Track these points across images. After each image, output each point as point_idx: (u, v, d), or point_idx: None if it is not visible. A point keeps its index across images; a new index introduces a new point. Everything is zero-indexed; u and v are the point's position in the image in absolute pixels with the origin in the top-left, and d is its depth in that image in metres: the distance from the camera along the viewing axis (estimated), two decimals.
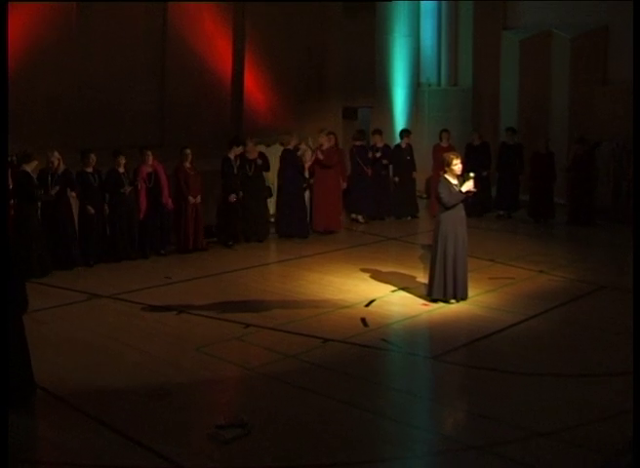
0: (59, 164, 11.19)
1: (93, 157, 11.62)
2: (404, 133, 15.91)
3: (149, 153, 12.18)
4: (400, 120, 18.37)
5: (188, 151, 12.58)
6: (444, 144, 15.31)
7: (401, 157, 15.53)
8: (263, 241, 13.47)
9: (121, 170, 11.93)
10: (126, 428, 6.54)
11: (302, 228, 13.75)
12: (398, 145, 15.75)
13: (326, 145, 13.86)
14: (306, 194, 14.06)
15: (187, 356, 8.17)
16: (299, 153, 13.60)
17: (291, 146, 13.64)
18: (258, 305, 9.90)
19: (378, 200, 15.33)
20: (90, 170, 11.69)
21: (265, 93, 15.60)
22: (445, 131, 15.70)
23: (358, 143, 15.16)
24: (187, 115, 14.28)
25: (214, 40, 14.82)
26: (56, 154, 11.23)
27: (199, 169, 12.75)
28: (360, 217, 15.23)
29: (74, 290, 10.48)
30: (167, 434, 6.47)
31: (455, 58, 18.66)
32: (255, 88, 15.50)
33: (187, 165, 12.59)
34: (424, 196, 17.34)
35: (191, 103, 14.37)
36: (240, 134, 14.40)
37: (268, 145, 13.80)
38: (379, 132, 15.61)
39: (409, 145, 15.68)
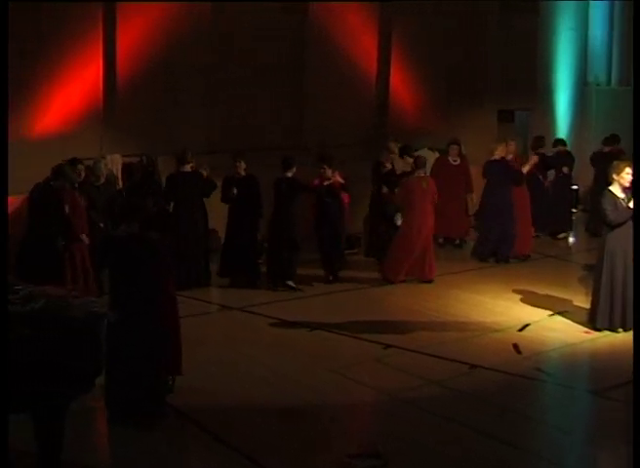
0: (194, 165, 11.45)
1: (242, 164, 11.37)
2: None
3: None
4: (562, 124, 17.90)
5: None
6: (606, 149, 14.79)
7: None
8: None
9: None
10: (248, 449, 6.62)
11: (505, 250, 13.07)
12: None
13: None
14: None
15: (320, 376, 8.20)
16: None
17: (497, 156, 13.22)
18: (399, 325, 9.83)
19: (555, 214, 14.88)
20: (241, 174, 11.42)
21: (413, 93, 15.55)
22: (613, 136, 15.12)
23: (539, 151, 14.67)
24: (327, 115, 14.39)
25: (357, 36, 14.91)
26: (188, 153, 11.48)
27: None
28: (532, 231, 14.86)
29: (204, 300, 10.75)
30: (293, 458, 6.53)
31: (628, 53, 17.99)
32: (401, 87, 15.48)
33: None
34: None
35: (332, 103, 14.48)
36: (383, 136, 14.40)
37: (416, 149, 13.69)
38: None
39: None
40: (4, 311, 5.56)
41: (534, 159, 12.97)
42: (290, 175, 11.34)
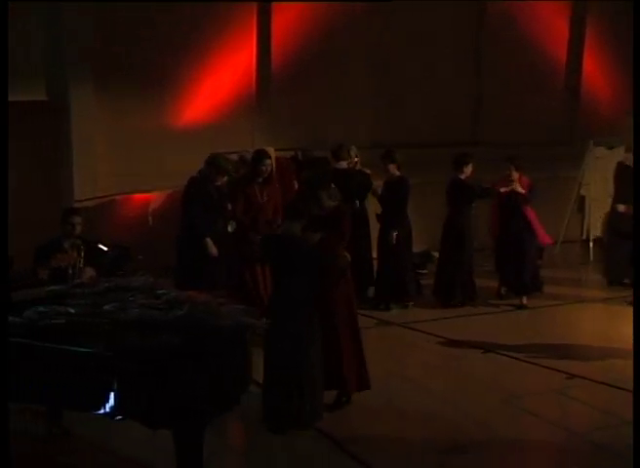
0: (356, 163, 11.42)
1: (390, 165, 11.12)
2: None
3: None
4: None
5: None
6: None
7: None
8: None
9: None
10: None
11: None
12: None
13: None
14: None
15: (491, 407, 8.03)
16: None
17: None
18: (588, 351, 9.59)
19: None
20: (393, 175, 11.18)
21: (612, 83, 15.15)
22: None
23: None
24: (508, 108, 14.25)
25: (544, 18, 14.69)
26: (354, 149, 11.46)
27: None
28: None
29: (360, 314, 10.68)
30: None
31: None
32: (597, 77, 15.12)
33: None
34: None
35: (513, 94, 14.35)
36: (574, 131, 14.13)
37: (611, 148, 13.32)
38: None
39: None
40: (4, 311, 5.65)
41: None
42: (463, 176, 11.13)
